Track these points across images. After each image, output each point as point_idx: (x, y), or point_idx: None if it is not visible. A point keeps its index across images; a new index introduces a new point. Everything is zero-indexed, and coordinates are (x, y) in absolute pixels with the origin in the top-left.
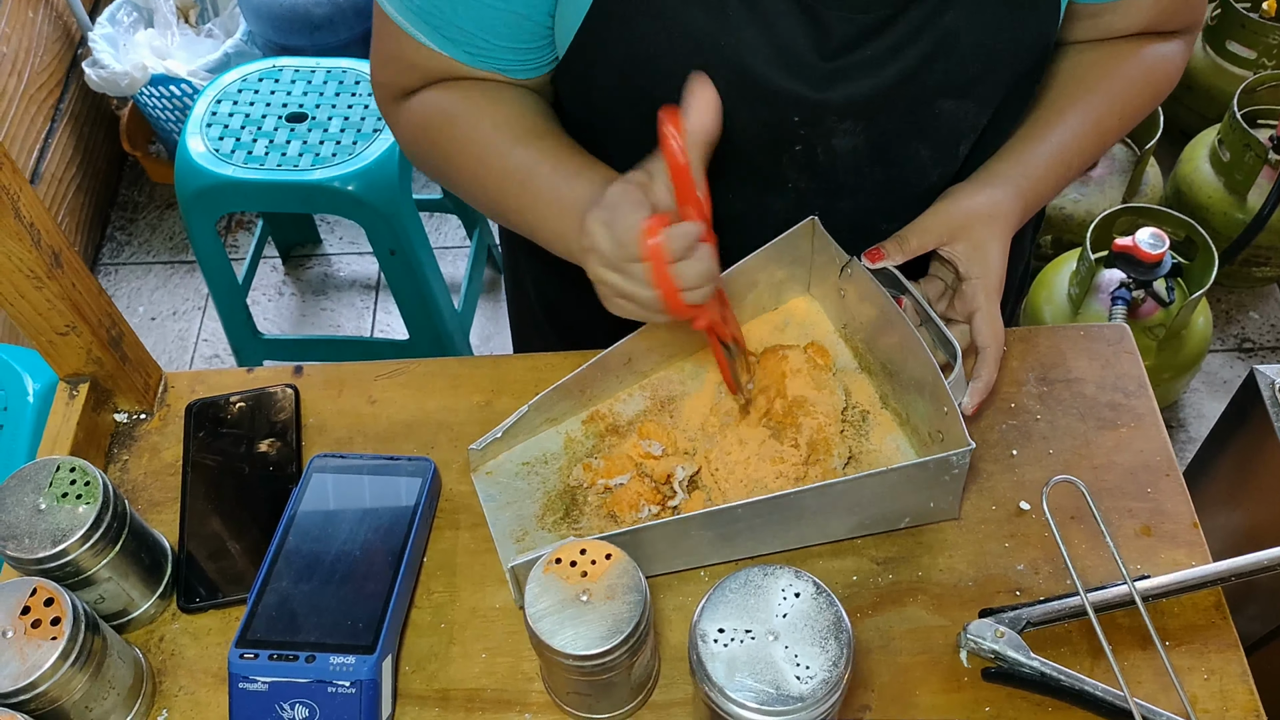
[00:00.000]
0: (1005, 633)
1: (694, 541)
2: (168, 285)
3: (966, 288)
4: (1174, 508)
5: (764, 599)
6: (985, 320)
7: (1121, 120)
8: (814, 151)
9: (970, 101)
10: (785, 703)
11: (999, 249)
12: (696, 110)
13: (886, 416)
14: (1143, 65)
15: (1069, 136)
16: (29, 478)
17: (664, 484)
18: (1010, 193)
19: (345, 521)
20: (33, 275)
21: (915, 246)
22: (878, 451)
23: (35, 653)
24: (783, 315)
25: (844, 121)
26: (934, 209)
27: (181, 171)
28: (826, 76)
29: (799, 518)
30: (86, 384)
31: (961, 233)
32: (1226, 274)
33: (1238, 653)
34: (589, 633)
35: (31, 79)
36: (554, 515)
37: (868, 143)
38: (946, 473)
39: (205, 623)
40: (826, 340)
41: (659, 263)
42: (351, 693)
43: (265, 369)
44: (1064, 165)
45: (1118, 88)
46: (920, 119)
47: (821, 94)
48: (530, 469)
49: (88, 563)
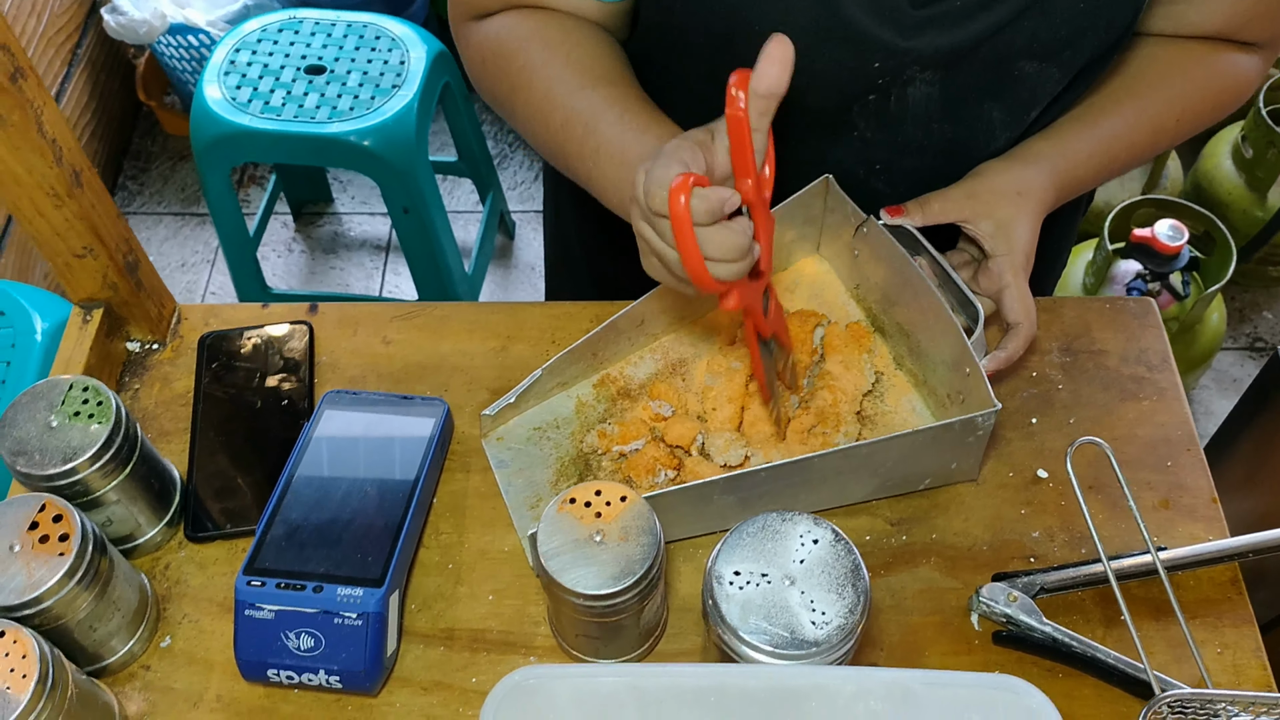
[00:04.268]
0: (1018, 597)
1: (715, 507)
2: (178, 237)
3: (992, 265)
4: (1193, 482)
5: (781, 544)
6: (1015, 297)
7: (1179, 123)
8: (887, 101)
9: (1053, 66)
10: (799, 647)
11: (1026, 226)
12: (768, 75)
13: (901, 378)
14: (1211, 71)
15: (1121, 128)
16: (41, 395)
17: (677, 449)
18: (1044, 171)
19: (356, 457)
20: (53, 193)
21: (936, 211)
22: (893, 413)
23: (42, 568)
24: (792, 275)
25: (924, 72)
26: (961, 183)
27: (197, 119)
28: (916, 24)
29: (822, 481)
30: (100, 310)
31: (985, 210)
32: (1242, 272)
33: (1252, 628)
34: (600, 573)
35: (50, 22)
36: (568, 481)
37: (942, 96)
38: (971, 434)
39: (212, 553)
40: (837, 300)
41: (680, 222)
42: (358, 625)
43: (279, 306)
44: (1108, 155)
45: (1182, 89)
46: (1000, 77)
47: (909, 42)
48: (542, 434)
49: (97, 483)
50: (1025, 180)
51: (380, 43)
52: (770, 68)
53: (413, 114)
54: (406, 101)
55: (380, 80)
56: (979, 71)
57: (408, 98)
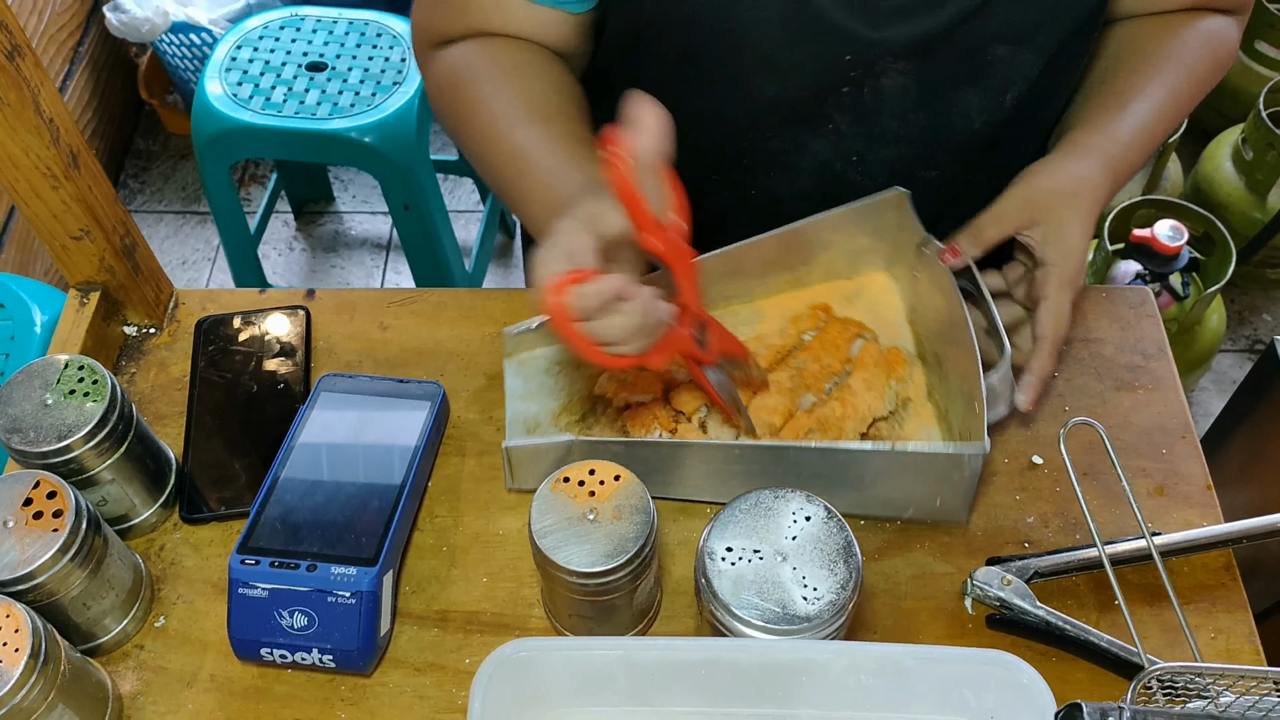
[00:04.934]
0: (1012, 580)
1: (688, 472)
2: (178, 235)
3: (1039, 274)
4: (1188, 469)
5: (774, 520)
6: (1047, 311)
7: (1193, 90)
8: (861, 93)
9: (1027, 49)
10: (791, 622)
11: (1081, 229)
12: (645, 147)
13: (929, 410)
14: (1203, 36)
15: (1153, 105)
16: (37, 373)
17: (680, 414)
18: (1098, 165)
19: (352, 439)
20: (50, 174)
21: (992, 236)
22: (905, 440)
23: (35, 544)
24: (855, 286)
25: (898, 62)
26: (1010, 192)
27: (198, 115)
28: (887, 15)
29: (796, 474)
30: (98, 293)
31: (1041, 214)
32: (1241, 275)
33: (1246, 614)
34: (593, 550)
35: (53, 20)
36: (571, 416)
37: (917, 85)
38: (957, 470)
39: (206, 534)
40: (893, 320)
41: (562, 321)
42: (351, 603)
43: (277, 290)
44: (1149, 135)
45: (1189, 57)
46: (974, 63)
47: (880, 32)
48: (561, 369)
49: (91, 462)
50: (1080, 178)
51: (381, 40)
52: (646, 139)
53: (413, 110)
54: (407, 98)
55: (381, 77)
56: (953, 59)
57: (408, 94)
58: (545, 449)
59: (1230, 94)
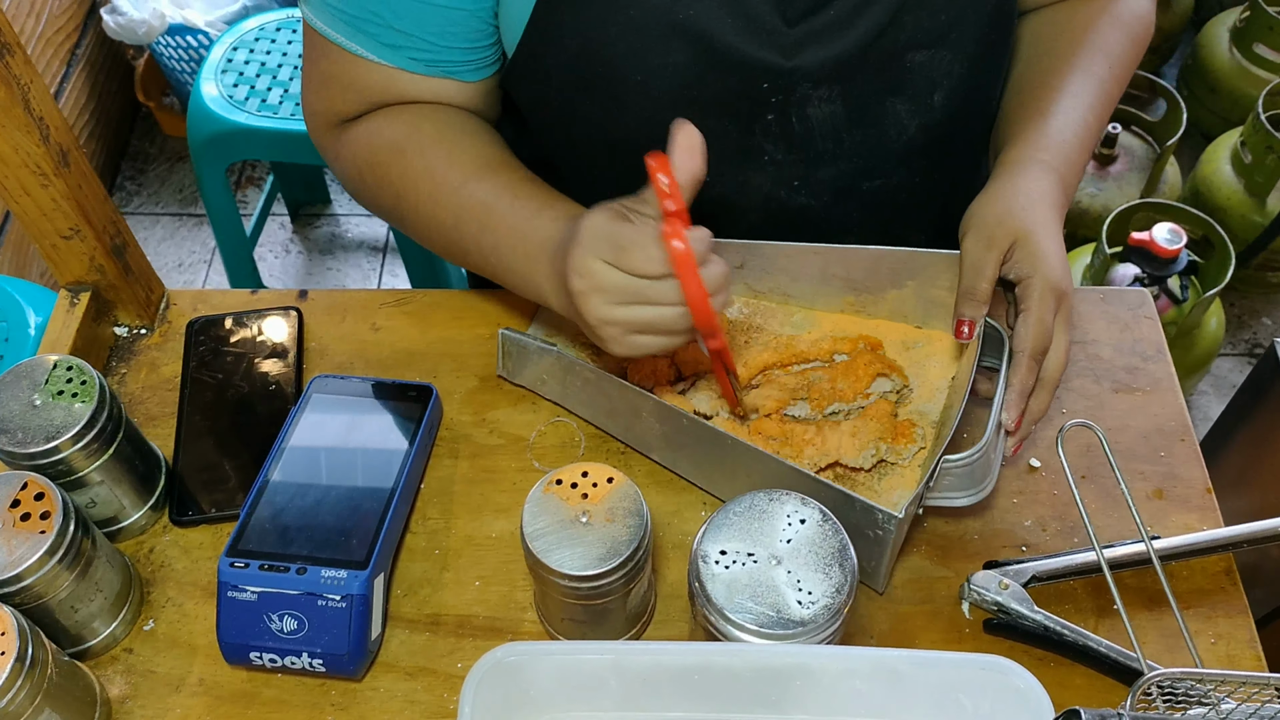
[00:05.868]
0: (1010, 585)
1: (644, 426)
2: (174, 237)
3: (1019, 290)
4: (1187, 472)
5: (768, 523)
6: (1024, 322)
7: (1117, 74)
8: (788, 120)
9: (944, 50)
10: (785, 626)
11: (1049, 236)
12: (682, 152)
13: (914, 471)
14: (1114, 17)
15: (1078, 100)
16: (25, 374)
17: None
18: (1038, 173)
19: (344, 440)
20: (39, 172)
21: (986, 289)
22: (868, 491)
23: (22, 545)
24: (919, 337)
25: (818, 88)
26: (967, 237)
27: (194, 117)
28: (795, 42)
29: (720, 462)
30: (88, 293)
31: (1006, 238)
32: (1240, 278)
33: (1246, 619)
34: (586, 554)
35: (50, 22)
36: (581, 353)
37: (843, 106)
38: (870, 528)
39: (196, 537)
40: (933, 384)
41: (690, 268)
42: (341, 607)
43: (269, 291)
44: (1083, 129)
45: (1102, 42)
46: (893, 74)
47: (792, 61)
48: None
49: (80, 463)
50: (1025, 191)
51: None
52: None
53: None
54: None
55: None
56: (871, 74)
57: None
58: (532, 350)
59: (1229, 97)
